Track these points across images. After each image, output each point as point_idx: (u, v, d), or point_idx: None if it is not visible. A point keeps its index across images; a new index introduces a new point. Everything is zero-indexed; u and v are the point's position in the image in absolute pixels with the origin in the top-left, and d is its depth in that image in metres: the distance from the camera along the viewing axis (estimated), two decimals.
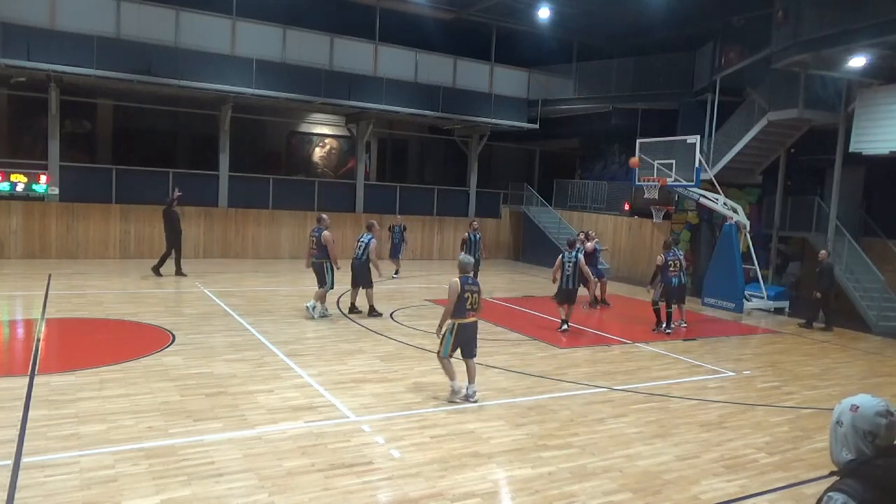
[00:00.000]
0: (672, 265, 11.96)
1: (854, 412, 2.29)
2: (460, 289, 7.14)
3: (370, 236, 12.00)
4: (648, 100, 20.81)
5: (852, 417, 2.28)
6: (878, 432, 2.23)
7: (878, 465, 2.19)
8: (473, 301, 7.22)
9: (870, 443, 2.24)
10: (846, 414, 2.31)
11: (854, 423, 2.27)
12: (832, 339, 12.79)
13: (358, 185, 21.71)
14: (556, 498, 5.12)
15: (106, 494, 4.69)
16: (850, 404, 2.32)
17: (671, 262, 11.96)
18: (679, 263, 12.11)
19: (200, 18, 17.60)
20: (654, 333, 11.90)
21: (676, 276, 11.95)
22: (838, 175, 14.96)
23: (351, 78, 19.45)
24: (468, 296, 7.17)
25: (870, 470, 2.19)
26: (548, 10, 19.60)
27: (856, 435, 2.26)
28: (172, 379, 7.48)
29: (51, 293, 12.27)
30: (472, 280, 7.32)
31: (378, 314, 11.88)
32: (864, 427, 2.25)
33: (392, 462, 5.59)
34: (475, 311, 7.29)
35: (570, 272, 11.41)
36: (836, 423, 2.34)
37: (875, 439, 2.23)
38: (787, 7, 13.35)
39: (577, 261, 11.45)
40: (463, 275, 7.28)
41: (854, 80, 13.97)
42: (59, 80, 16.65)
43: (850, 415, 2.29)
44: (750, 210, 17.19)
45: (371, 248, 11.77)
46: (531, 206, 23.98)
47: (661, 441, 6.48)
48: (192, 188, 19.05)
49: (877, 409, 2.26)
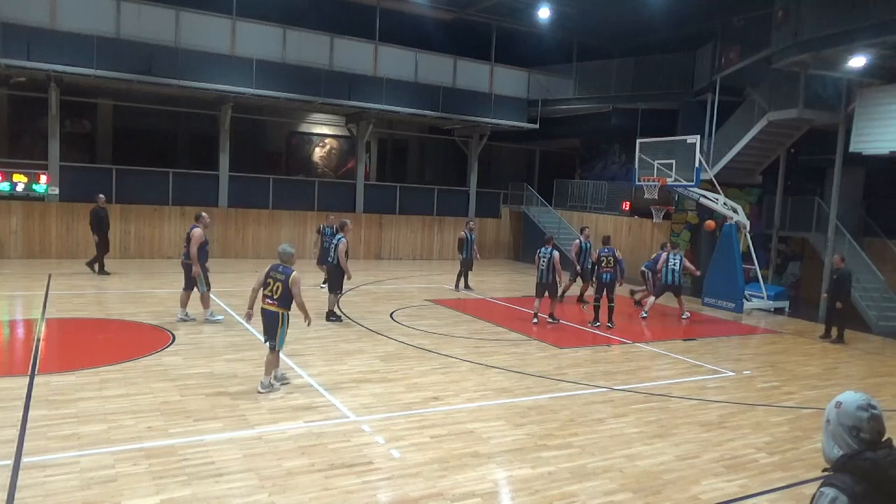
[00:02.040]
0: (604, 260, 12.33)
1: (838, 409, 2.36)
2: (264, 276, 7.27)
3: (340, 236, 11.49)
4: (648, 100, 20.80)
5: (837, 414, 2.35)
6: (862, 426, 2.29)
7: (867, 458, 2.24)
8: (273, 289, 7.24)
9: (855, 437, 2.30)
10: (832, 411, 2.38)
11: (839, 420, 2.34)
12: (832, 339, 12.79)
13: (358, 185, 21.71)
14: (556, 498, 5.12)
15: (106, 494, 4.69)
16: (836, 402, 2.39)
17: (603, 258, 12.38)
18: (610, 259, 12.37)
19: (200, 18, 17.60)
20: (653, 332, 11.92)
21: (609, 272, 12.25)
22: (838, 175, 14.95)
23: (351, 78, 19.45)
24: (269, 282, 7.26)
25: (858, 464, 2.25)
26: (548, 10, 19.59)
27: (843, 430, 2.32)
28: (172, 379, 7.48)
29: (51, 293, 12.26)
30: (280, 268, 7.34)
31: (336, 318, 11.31)
32: (849, 422, 2.31)
33: (392, 462, 5.59)
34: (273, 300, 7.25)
35: (544, 267, 12.03)
36: (825, 422, 2.40)
37: (860, 433, 2.29)
38: (787, 7, 13.35)
39: (550, 257, 11.98)
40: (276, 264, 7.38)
41: (854, 80, 13.97)
42: (59, 80, 16.64)
43: (835, 411, 2.36)
44: (750, 210, 17.19)
45: (339, 248, 11.32)
46: (531, 206, 23.97)
47: (661, 441, 6.48)
48: (192, 188, 19.10)
49: (858, 403, 2.33)
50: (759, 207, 18.21)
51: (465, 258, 15.73)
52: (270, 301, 7.27)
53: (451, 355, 9.34)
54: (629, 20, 20.35)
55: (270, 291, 7.25)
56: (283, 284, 7.20)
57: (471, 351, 9.70)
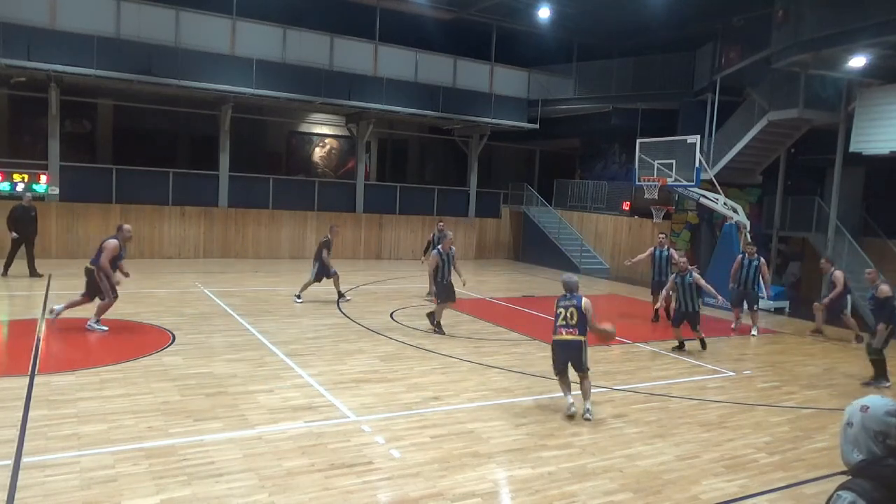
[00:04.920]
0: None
1: (864, 413, 2.28)
2: None
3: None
4: (648, 100, 20.81)
5: (863, 418, 2.28)
6: (890, 432, 2.23)
7: (889, 464, 2.20)
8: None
9: (881, 443, 2.24)
10: (856, 415, 2.30)
11: (864, 424, 2.27)
12: (832, 339, 12.78)
13: (358, 186, 21.71)
14: (556, 498, 5.11)
15: (106, 494, 4.69)
16: (861, 405, 2.32)
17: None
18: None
19: (200, 18, 17.60)
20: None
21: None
22: (838, 175, 14.96)
23: (351, 78, 19.46)
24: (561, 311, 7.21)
25: (880, 469, 2.20)
26: (548, 10, 19.60)
27: (867, 435, 2.26)
28: (172, 379, 7.48)
29: (51, 293, 12.26)
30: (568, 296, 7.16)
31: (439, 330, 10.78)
32: (875, 427, 2.25)
33: (392, 462, 5.59)
34: None
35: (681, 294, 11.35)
36: (846, 425, 2.33)
37: (886, 439, 2.24)
38: (787, 7, 13.35)
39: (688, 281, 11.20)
40: None
41: (854, 80, 13.97)
42: (59, 80, 16.65)
43: (861, 415, 2.29)
44: (750, 210, 17.19)
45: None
46: (531, 206, 23.99)
47: (661, 441, 6.48)
48: (192, 188, 19.11)
49: (887, 408, 2.26)
50: (759, 207, 18.21)
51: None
52: (569, 330, 7.07)
53: (451, 355, 9.34)
54: (629, 20, 20.36)
55: (565, 321, 7.07)
56: (578, 310, 7.07)
57: (471, 351, 9.70)
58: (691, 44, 19.60)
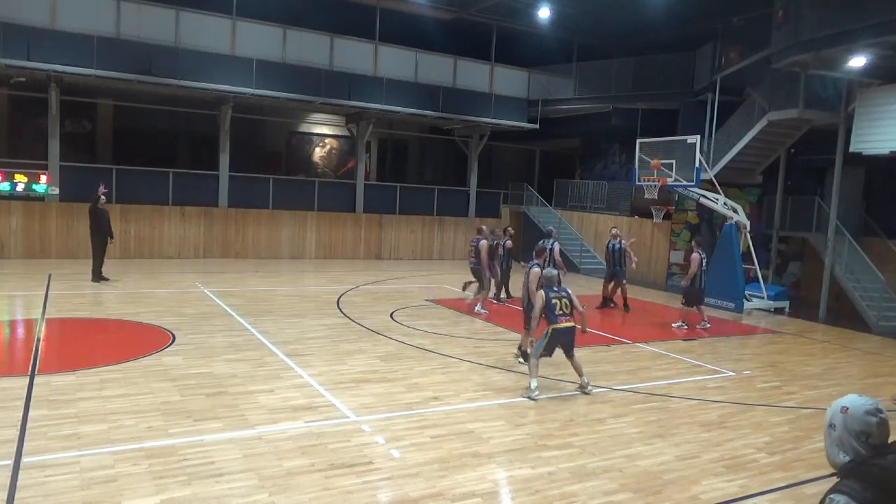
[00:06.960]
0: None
1: (845, 414, 2.29)
2: None
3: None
4: (648, 100, 20.80)
5: (843, 419, 2.28)
6: (871, 431, 2.24)
7: (876, 464, 2.20)
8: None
9: (864, 442, 2.24)
10: (837, 416, 2.31)
11: (846, 425, 2.27)
12: (832, 339, 12.79)
13: (358, 186, 21.71)
14: (556, 498, 5.11)
15: (106, 494, 4.69)
16: (840, 406, 2.32)
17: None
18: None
19: (200, 18, 17.60)
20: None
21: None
22: (838, 175, 14.95)
23: (351, 78, 19.45)
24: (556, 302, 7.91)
25: (867, 469, 2.20)
26: (548, 10, 19.59)
27: (850, 436, 2.26)
28: (172, 379, 7.48)
29: (51, 293, 12.27)
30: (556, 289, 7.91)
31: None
32: (857, 427, 2.25)
33: (392, 462, 5.59)
34: None
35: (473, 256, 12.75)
36: (829, 427, 2.33)
37: (869, 438, 2.24)
38: (786, 7, 13.35)
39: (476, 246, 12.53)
40: None
41: (854, 80, 13.96)
42: (59, 80, 16.65)
43: (841, 416, 2.29)
44: (750, 210, 17.19)
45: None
46: (531, 206, 23.98)
47: (661, 441, 6.48)
48: (192, 188, 19.10)
49: (866, 407, 2.27)
50: (759, 207, 18.20)
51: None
52: (566, 318, 7.74)
53: (451, 355, 9.34)
54: (629, 20, 20.36)
55: (562, 310, 7.73)
56: (570, 300, 7.84)
57: (471, 351, 9.70)
58: (691, 44, 19.59)
